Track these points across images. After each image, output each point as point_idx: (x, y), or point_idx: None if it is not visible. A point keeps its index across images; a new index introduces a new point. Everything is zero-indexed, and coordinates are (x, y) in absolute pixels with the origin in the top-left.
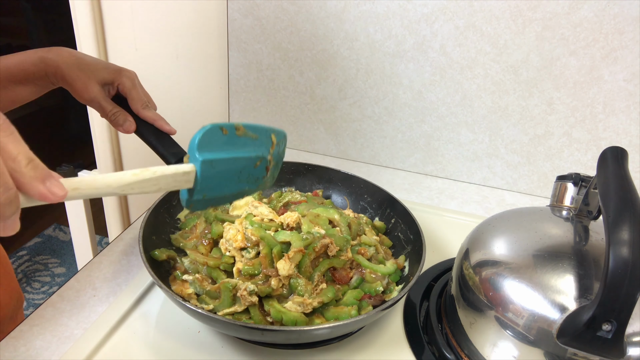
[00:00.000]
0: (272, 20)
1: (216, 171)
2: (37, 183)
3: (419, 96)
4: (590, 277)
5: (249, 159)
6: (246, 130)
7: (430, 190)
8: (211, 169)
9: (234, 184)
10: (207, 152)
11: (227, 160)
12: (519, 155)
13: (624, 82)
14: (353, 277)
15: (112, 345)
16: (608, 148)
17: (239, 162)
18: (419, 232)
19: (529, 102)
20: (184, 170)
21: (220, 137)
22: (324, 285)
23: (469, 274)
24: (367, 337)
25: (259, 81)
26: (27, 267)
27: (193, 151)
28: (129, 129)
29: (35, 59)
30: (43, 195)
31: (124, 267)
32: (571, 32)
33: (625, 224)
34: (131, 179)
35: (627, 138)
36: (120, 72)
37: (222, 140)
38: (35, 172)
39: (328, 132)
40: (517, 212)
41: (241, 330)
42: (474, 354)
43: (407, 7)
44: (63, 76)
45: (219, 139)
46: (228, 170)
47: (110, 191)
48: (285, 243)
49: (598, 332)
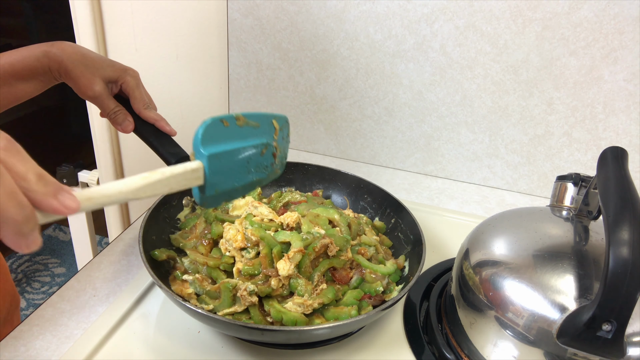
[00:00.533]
0: (272, 20)
1: (224, 164)
2: (50, 198)
3: (419, 96)
4: (590, 277)
5: (254, 147)
6: (247, 119)
7: (430, 190)
8: (218, 162)
9: (244, 175)
10: (211, 146)
11: (232, 152)
12: (519, 155)
13: (624, 82)
14: (353, 277)
15: (112, 345)
16: (608, 148)
17: (245, 152)
18: (419, 232)
19: (529, 102)
20: (192, 167)
21: (222, 130)
22: (324, 285)
23: (469, 274)
24: (367, 337)
25: (259, 81)
26: (27, 267)
27: (197, 147)
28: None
29: (39, 54)
30: (57, 209)
31: (124, 267)
32: (571, 32)
33: (625, 224)
34: (142, 182)
35: (627, 138)
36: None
37: (224, 132)
38: (47, 188)
39: (328, 132)
40: (517, 212)
41: (241, 330)
42: (474, 354)
43: (407, 7)
44: (67, 72)
45: (221, 132)
46: (235, 161)
47: (122, 197)
48: (285, 243)
49: (598, 332)
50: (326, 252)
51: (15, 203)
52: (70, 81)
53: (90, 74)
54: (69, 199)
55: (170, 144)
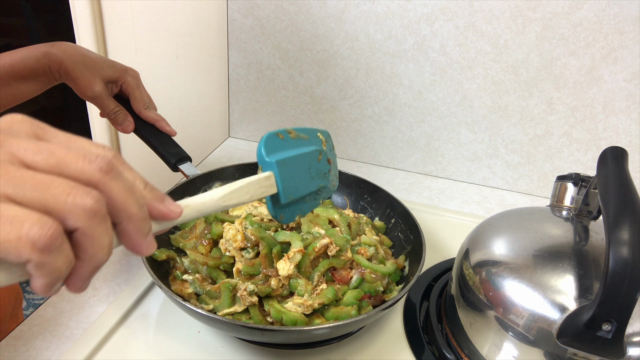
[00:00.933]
0: (272, 20)
1: (290, 169)
2: (157, 203)
3: (419, 96)
4: (590, 277)
5: (311, 153)
6: (297, 132)
7: (430, 190)
8: (285, 168)
9: (309, 181)
10: (274, 154)
11: (295, 158)
12: (519, 155)
13: (624, 82)
14: (353, 277)
15: (112, 345)
16: (608, 148)
17: (305, 158)
18: (419, 232)
19: (529, 102)
20: (264, 175)
21: (279, 142)
22: (324, 285)
23: (469, 274)
24: (367, 337)
25: (259, 81)
26: None
27: (263, 158)
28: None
29: (39, 54)
30: (165, 213)
31: (124, 267)
32: (571, 32)
33: (625, 224)
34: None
35: (627, 138)
36: (126, 70)
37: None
38: (153, 193)
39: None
40: (517, 212)
41: (241, 330)
42: (474, 354)
43: (407, 7)
44: (67, 72)
45: (278, 144)
46: (299, 166)
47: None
48: (285, 243)
49: (598, 332)
50: (326, 252)
51: (134, 200)
52: (70, 81)
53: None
54: (174, 205)
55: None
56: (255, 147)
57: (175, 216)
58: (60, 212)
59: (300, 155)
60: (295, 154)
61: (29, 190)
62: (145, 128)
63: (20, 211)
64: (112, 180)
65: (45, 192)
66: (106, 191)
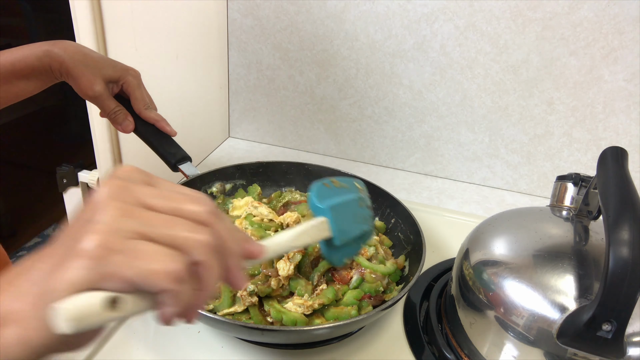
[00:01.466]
0: (272, 20)
1: (340, 214)
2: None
3: (419, 96)
4: (590, 277)
5: (354, 200)
6: (339, 182)
7: (430, 190)
8: (336, 213)
9: (355, 225)
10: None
11: (342, 204)
12: (519, 155)
13: (624, 82)
14: (353, 277)
15: (112, 345)
16: (608, 148)
17: (350, 204)
18: (419, 232)
19: (529, 102)
20: (320, 220)
21: (327, 190)
22: (324, 285)
23: (469, 274)
24: (367, 337)
25: (259, 81)
26: None
27: (315, 206)
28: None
29: (40, 53)
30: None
31: None
32: (571, 32)
33: (625, 224)
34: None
35: (627, 138)
36: (127, 70)
37: (328, 192)
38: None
39: (328, 132)
40: (517, 212)
41: (241, 330)
42: (474, 354)
43: (407, 7)
44: (68, 71)
45: (326, 192)
46: (347, 211)
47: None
48: None
49: (598, 332)
50: None
51: (235, 239)
52: (71, 80)
53: (91, 73)
54: (257, 245)
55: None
56: (255, 146)
57: (259, 256)
58: (187, 248)
59: (347, 201)
60: (343, 200)
61: (158, 228)
62: (145, 128)
63: (155, 247)
64: (218, 221)
65: (171, 230)
66: (215, 230)
